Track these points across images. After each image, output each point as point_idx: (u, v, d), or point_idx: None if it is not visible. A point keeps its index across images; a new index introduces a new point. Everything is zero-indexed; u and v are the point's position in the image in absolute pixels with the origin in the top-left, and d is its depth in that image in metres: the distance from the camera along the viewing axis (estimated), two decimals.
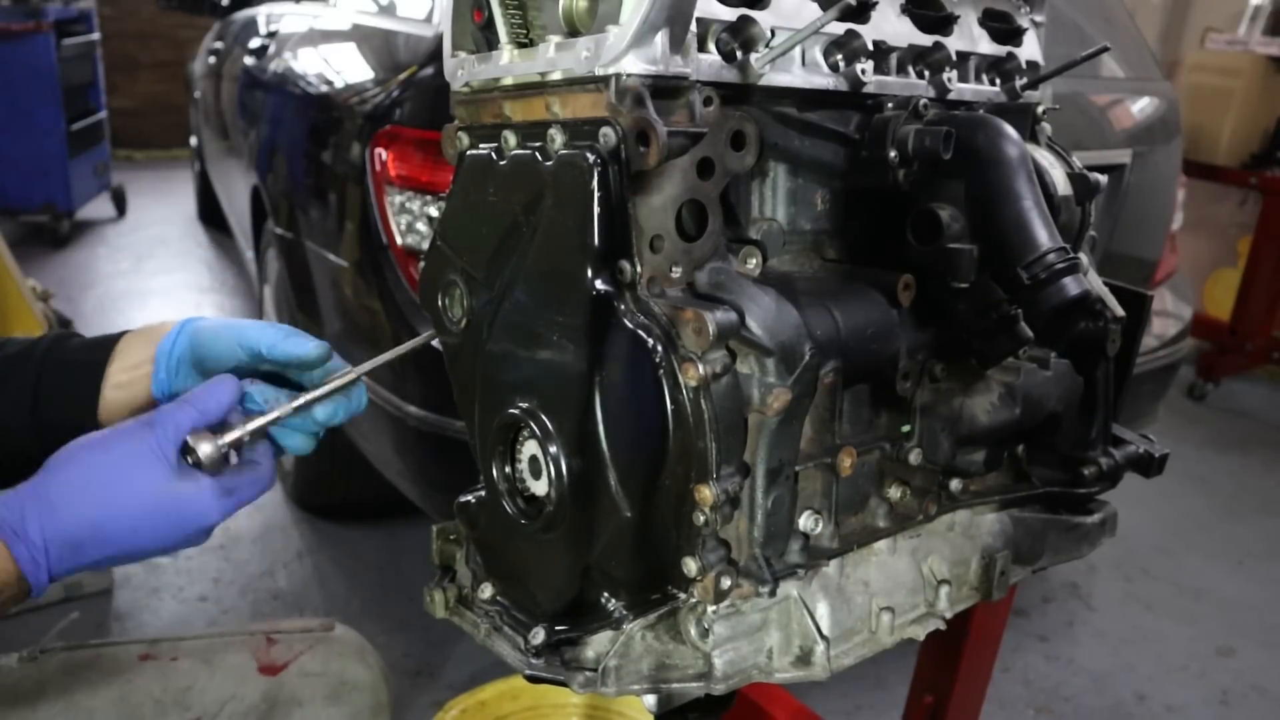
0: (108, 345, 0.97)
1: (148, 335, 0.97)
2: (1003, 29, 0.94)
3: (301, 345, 0.89)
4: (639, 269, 0.68)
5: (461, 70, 0.80)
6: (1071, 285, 0.72)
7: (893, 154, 0.78)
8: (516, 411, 0.75)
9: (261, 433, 0.86)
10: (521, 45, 0.76)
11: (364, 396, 0.94)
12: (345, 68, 2.62)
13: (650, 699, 0.76)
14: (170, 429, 0.80)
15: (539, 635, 0.75)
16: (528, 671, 0.75)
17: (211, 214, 6.22)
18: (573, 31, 0.73)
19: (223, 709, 1.17)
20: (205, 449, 0.80)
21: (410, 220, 2.03)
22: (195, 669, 1.20)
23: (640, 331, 0.68)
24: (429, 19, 2.27)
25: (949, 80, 0.88)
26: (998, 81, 0.94)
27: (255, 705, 1.19)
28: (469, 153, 0.80)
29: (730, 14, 0.71)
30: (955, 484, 0.85)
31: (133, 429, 0.80)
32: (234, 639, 1.25)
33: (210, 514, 0.81)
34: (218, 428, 0.83)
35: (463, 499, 0.85)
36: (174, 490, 0.79)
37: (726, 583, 0.70)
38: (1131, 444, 0.99)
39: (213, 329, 0.94)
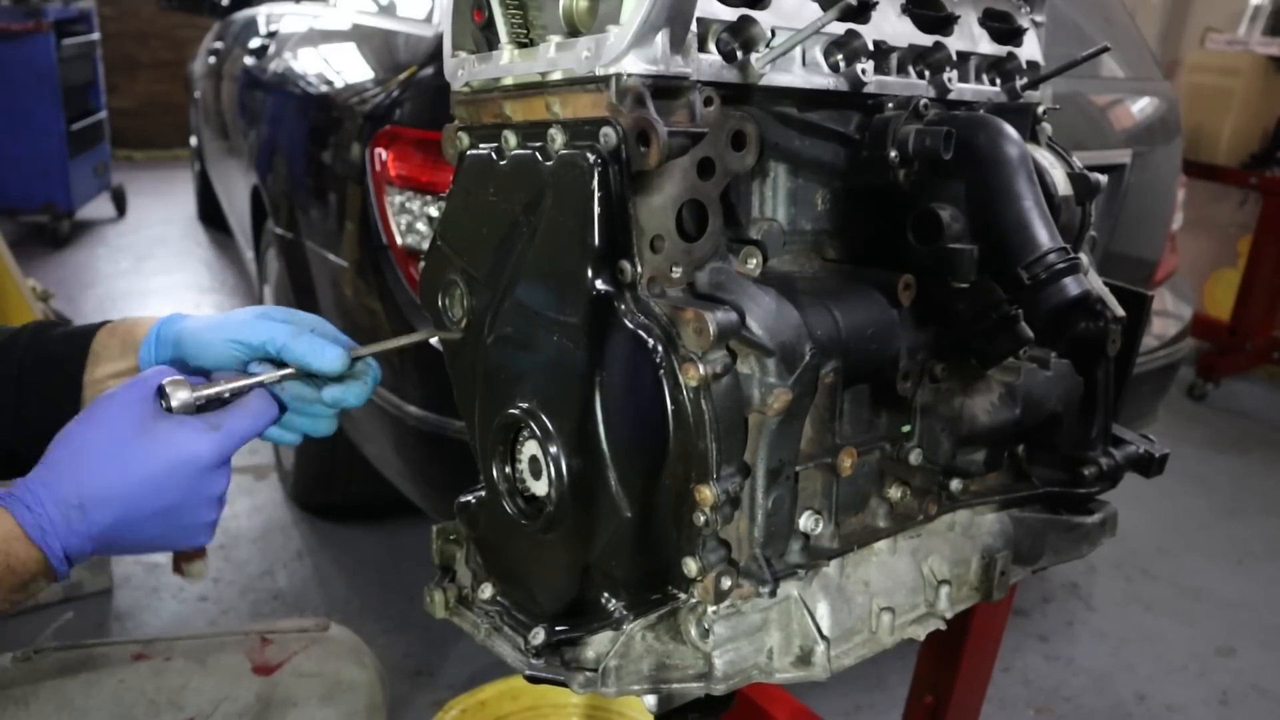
0: (85, 338, 0.96)
1: (125, 337, 0.95)
2: (1003, 29, 0.94)
3: (322, 357, 0.85)
4: (639, 269, 0.68)
5: (462, 70, 0.80)
6: (1072, 285, 0.72)
7: (893, 154, 0.78)
8: (517, 411, 0.75)
9: (245, 391, 0.83)
10: (522, 45, 0.76)
11: (377, 375, 0.91)
12: (345, 68, 2.62)
13: (650, 699, 0.76)
14: (151, 379, 0.79)
15: (539, 635, 0.75)
16: (528, 672, 0.75)
17: (211, 214, 6.22)
18: (573, 31, 0.73)
19: (216, 709, 1.17)
20: (180, 395, 0.78)
21: (410, 220, 2.03)
22: (189, 669, 1.19)
23: (641, 331, 0.68)
24: (429, 19, 2.27)
25: (949, 80, 0.88)
26: (998, 81, 0.94)
27: (249, 706, 1.19)
28: (469, 153, 0.80)
29: (731, 14, 0.71)
30: (955, 484, 0.85)
31: (117, 389, 0.80)
32: (228, 639, 1.25)
33: (197, 449, 0.77)
34: (201, 385, 0.81)
35: (463, 499, 0.85)
36: (151, 429, 0.77)
37: (727, 583, 0.70)
38: (1131, 444, 0.99)
39: (198, 333, 0.90)
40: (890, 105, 0.82)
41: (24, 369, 0.95)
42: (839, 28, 0.78)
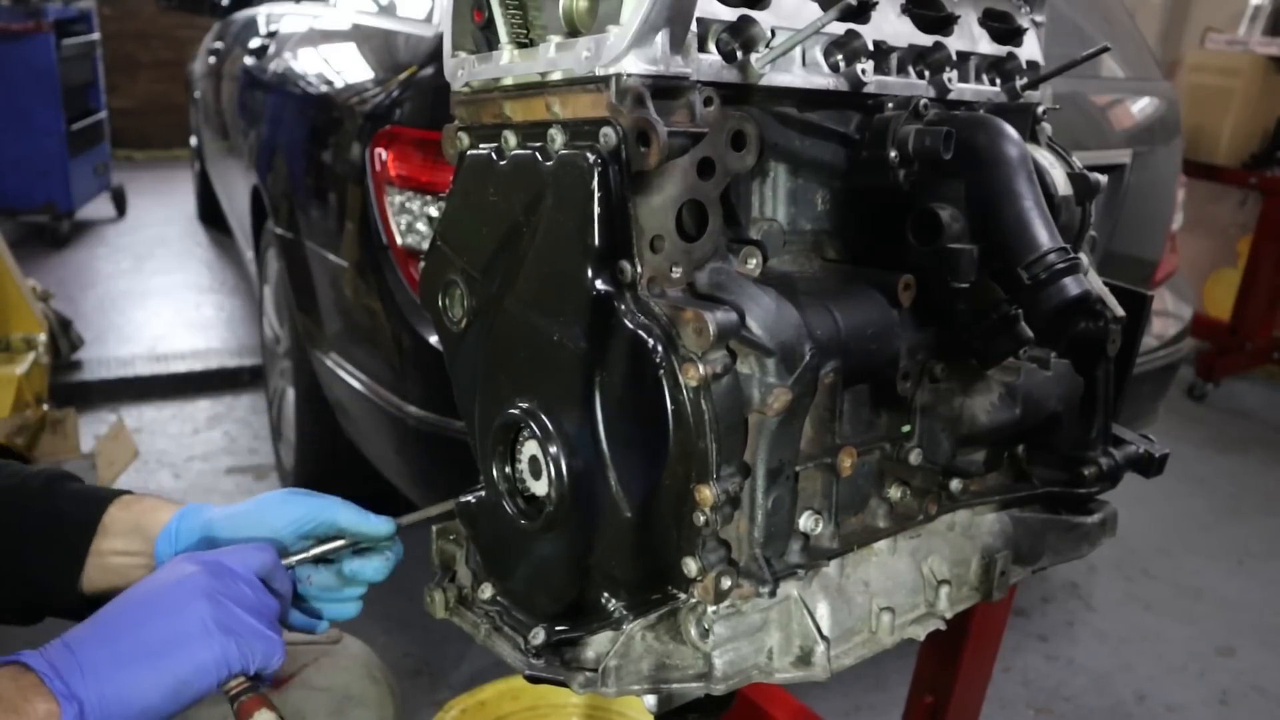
0: (98, 507, 0.94)
1: (141, 519, 0.93)
2: (1003, 29, 0.94)
3: (370, 523, 0.92)
4: (639, 269, 0.68)
5: (462, 70, 0.80)
6: (1072, 285, 0.72)
7: (893, 154, 0.79)
8: (517, 412, 0.75)
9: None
10: (522, 45, 0.76)
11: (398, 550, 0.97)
12: (345, 68, 2.62)
13: (650, 699, 0.76)
14: (176, 563, 0.82)
15: (539, 635, 0.75)
16: (528, 672, 0.75)
17: (211, 214, 6.21)
18: (573, 31, 0.73)
19: None
20: None
21: (410, 220, 2.03)
22: None
23: (640, 332, 0.68)
24: (429, 19, 2.27)
25: (949, 80, 0.88)
26: (998, 81, 0.94)
27: None
28: (469, 153, 0.80)
29: (731, 14, 0.71)
30: (955, 484, 0.85)
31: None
32: None
33: (184, 564, 0.81)
34: None
35: (463, 499, 0.85)
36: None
37: (727, 583, 0.70)
38: (1131, 444, 0.99)
39: (230, 521, 0.90)
40: (890, 105, 0.82)
41: (27, 520, 0.92)
42: (839, 28, 0.78)
